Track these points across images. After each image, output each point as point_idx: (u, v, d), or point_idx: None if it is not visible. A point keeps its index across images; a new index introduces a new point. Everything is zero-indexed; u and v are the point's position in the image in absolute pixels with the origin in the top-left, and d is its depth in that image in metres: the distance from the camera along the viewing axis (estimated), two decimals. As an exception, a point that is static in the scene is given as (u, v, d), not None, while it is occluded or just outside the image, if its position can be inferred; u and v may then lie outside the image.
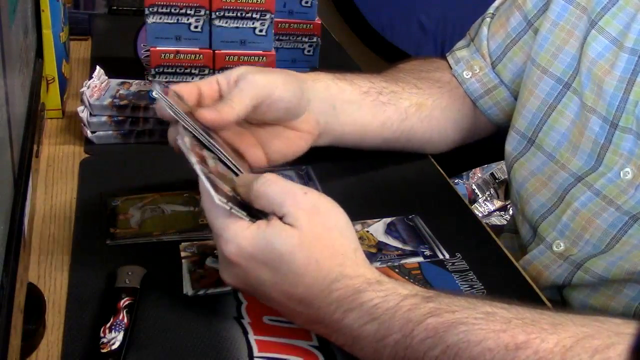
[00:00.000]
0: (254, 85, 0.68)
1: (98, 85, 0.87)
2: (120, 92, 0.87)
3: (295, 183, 0.58)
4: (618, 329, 0.50)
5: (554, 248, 0.77)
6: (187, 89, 0.67)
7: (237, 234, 0.55)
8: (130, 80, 0.91)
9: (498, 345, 0.48)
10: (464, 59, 0.89)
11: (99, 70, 0.89)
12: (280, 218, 0.56)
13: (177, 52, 0.94)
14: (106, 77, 0.90)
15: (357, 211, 0.76)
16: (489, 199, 1.98)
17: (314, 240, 0.55)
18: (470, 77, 0.88)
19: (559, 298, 0.79)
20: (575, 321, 0.50)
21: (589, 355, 0.47)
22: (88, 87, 0.85)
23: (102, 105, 0.84)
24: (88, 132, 0.85)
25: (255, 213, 0.58)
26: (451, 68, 0.90)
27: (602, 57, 0.73)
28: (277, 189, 0.57)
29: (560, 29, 0.78)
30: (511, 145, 0.84)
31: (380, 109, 0.81)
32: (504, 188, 1.99)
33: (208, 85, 0.68)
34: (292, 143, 0.75)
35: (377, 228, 0.73)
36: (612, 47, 0.73)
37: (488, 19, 0.89)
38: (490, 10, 0.90)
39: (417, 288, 0.55)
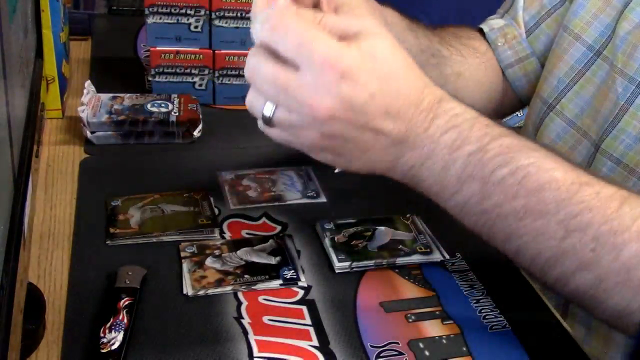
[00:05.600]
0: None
1: (92, 101, 0.87)
2: (115, 107, 0.87)
3: None
4: None
5: None
6: None
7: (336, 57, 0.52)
8: (122, 95, 0.90)
9: (565, 179, 0.51)
10: (498, 27, 0.88)
11: (88, 84, 0.89)
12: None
13: (177, 52, 0.94)
14: (95, 92, 0.89)
15: (358, 211, 0.76)
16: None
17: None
18: (504, 44, 0.87)
19: None
20: None
21: None
22: (84, 105, 0.85)
23: (100, 122, 0.84)
24: (88, 132, 0.85)
25: None
26: (484, 36, 0.88)
27: None
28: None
29: None
30: (535, 112, 0.83)
31: (426, 70, 0.80)
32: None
33: None
34: None
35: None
36: None
37: None
38: None
39: None
